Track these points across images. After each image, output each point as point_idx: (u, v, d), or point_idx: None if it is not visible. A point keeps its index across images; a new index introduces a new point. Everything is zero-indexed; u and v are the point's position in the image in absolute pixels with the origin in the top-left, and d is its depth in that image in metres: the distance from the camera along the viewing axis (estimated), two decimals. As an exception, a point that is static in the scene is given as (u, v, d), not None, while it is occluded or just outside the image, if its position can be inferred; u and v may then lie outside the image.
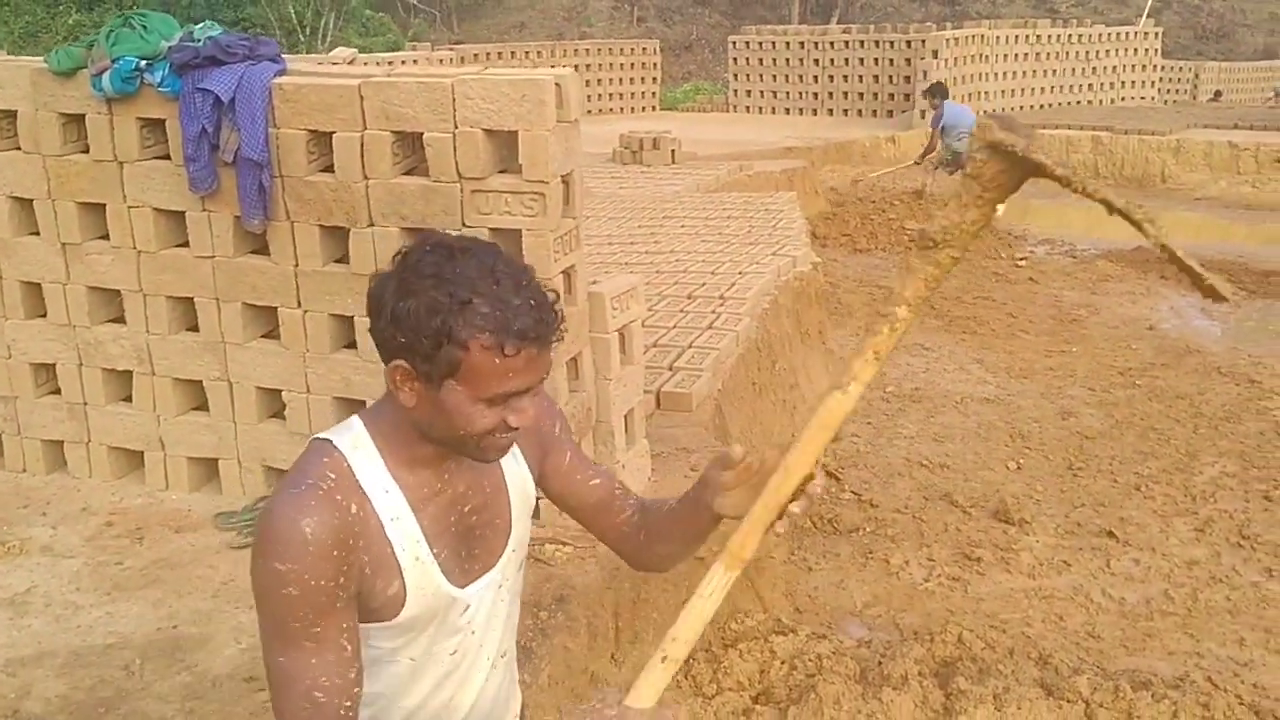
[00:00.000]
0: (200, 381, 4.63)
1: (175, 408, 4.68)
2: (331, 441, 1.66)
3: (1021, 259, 12.48)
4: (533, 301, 1.57)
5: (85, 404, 4.78)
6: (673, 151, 13.26)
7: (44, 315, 4.75)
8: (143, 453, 4.75)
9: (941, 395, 8.39)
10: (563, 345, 4.23)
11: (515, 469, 1.83)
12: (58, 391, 4.84)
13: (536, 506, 1.93)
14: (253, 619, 3.69)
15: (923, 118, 15.56)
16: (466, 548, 1.76)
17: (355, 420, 1.71)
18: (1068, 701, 4.06)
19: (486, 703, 1.87)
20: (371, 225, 4.19)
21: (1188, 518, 6.40)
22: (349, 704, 1.60)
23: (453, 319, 1.54)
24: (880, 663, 4.38)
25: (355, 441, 1.67)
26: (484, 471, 1.77)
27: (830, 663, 4.35)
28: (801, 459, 1.73)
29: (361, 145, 4.13)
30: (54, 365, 4.80)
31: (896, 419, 7.93)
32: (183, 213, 4.44)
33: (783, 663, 4.39)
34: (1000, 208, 1.59)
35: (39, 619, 3.88)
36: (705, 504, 1.80)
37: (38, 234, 4.66)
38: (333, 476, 1.61)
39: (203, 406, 4.70)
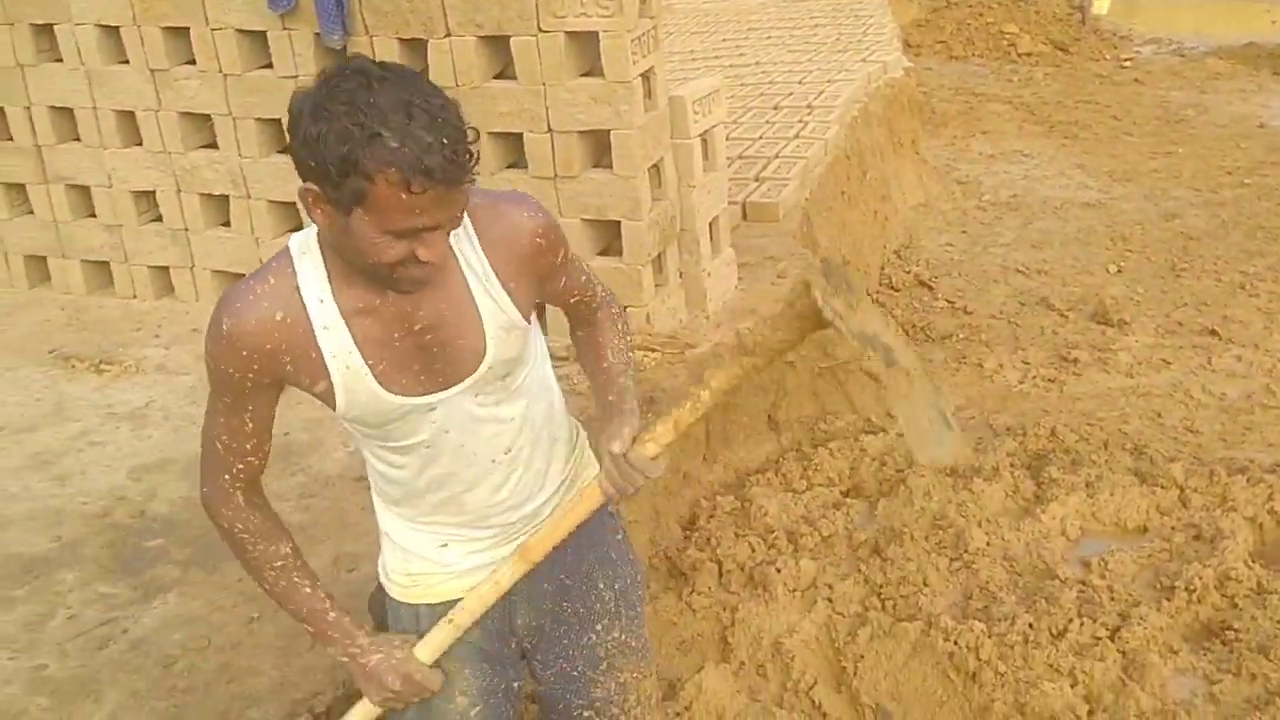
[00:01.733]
0: (294, 203, 4.73)
1: (272, 230, 4.79)
2: (288, 246, 1.77)
3: (1127, 59, 11.93)
4: (444, 139, 1.56)
5: (186, 229, 4.92)
6: (758, -37, 12.77)
7: (139, 144, 4.86)
8: (245, 274, 4.89)
9: (1040, 201, 8.17)
10: (644, 150, 4.22)
11: (488, 294, 1.82)
12: (159, 219, 4.98)
13: (541, 312, 2.02)
14: (357, 425, 3.83)
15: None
16: (422, 362, 1.81)
17: (314, 229, 1.75)
18: (1161, 487, 4.07)
19: (501, 492, 1.99)
20: (449, 35, 4.16)
21: (1294, 314, 6.23)
22: (240, 467, 1.86)
23: (360, 150, 1.53)
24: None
25: (306, 248, 1.75)
26: (439, 291, 1.79)
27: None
28: (589, 501, 2.00)
29: (435, -48, 4.07)
30: (153, 192, 4.93)
31: (992, 227, 7.77)
32: (264, 33, 4.45)
33: (873, 459, 4.45)
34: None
35: (159, 430, 4.09)
36: (597, 430, 2.02)
37: (126, 62, 4.73)
38: (271, 281, 1.73)
39: (299, 227, 4.80)
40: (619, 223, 4.28)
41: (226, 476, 1.87)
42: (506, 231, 1.83)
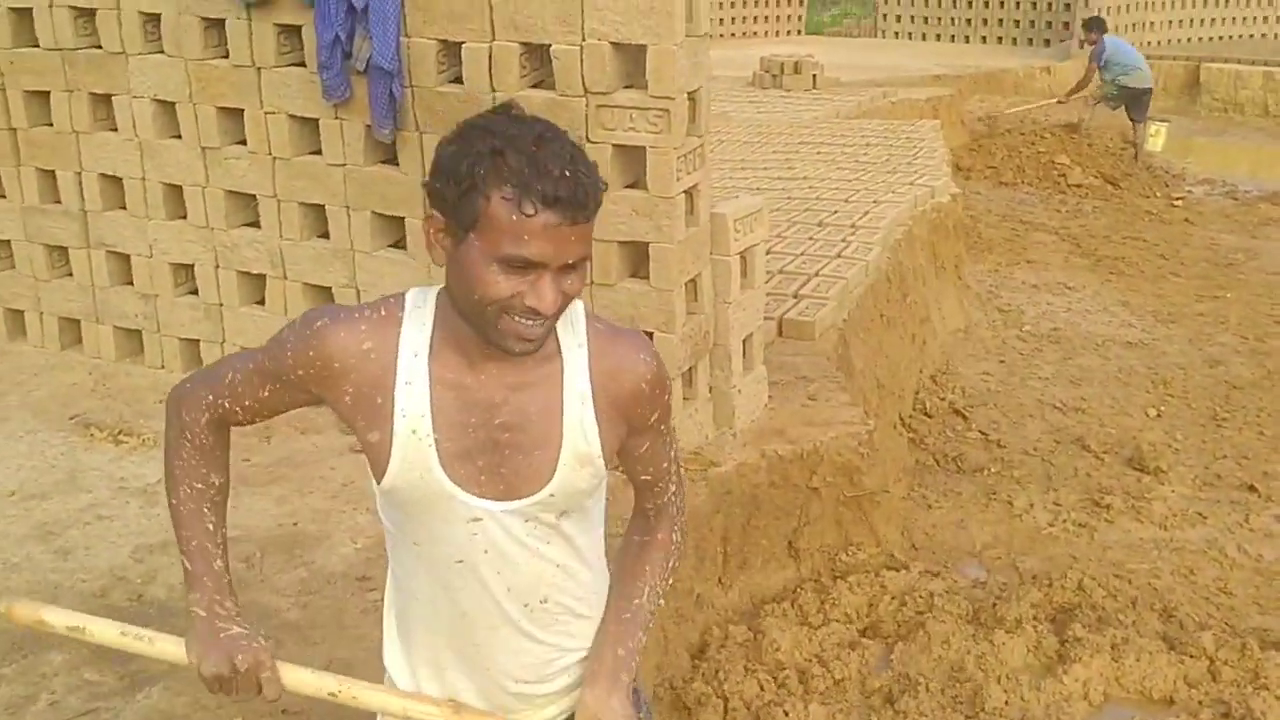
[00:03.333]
0: (330, 288, 4.72)
1: (305, 312, 4.78)
2: (406, 293, 1.73)
3: (1178, 198, 11.87)
4: (568, 172, 1.54)
5: (221, 305, 4.93)
6: (814, 76, 12.94)
7: (184, 217, 4.89)
8: (273, 355, 4.89)
9: (1082, 337, 8.07)
10: (681, 265, 4.19)
11: (579, 417, 1.73)
12: (195, 292, 5.00)
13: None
14: (369, 520, 3.77)
15: (1080, 48, 14.76)
16: (488, 459, 1.71)
17: (439, 288, 1.73)
18: (1190, 656, 3.91)
19: (516, 640, 1.82)
20: (497, 137, 4.18)
21: (1339, 475, 6.05)
22: (228, 405, 1.79)
23: (481, 165, 1.54)
24: (994, 604, 4.28)
25: (422, 302, 1.71)
26: (534, 393, 1.71)
27: (942, 601, 4.27)
28: None
29: (490, 56, 4.10)
30: (192, 266, 4.96)
31: (1032, 359, 7.66)
32: (316, 120, 4.50)
33: (893, 598, 4.32)
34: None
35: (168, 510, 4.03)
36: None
37: (179, 137, 4.78)
38: (380, 314, 1.70)
39: (331, 313, 4.79)
40: (651, 334, 4.23)
41: (211, 397, 1.81)
42: (617, 365, 1.75)
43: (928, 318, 7.39)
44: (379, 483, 1.72)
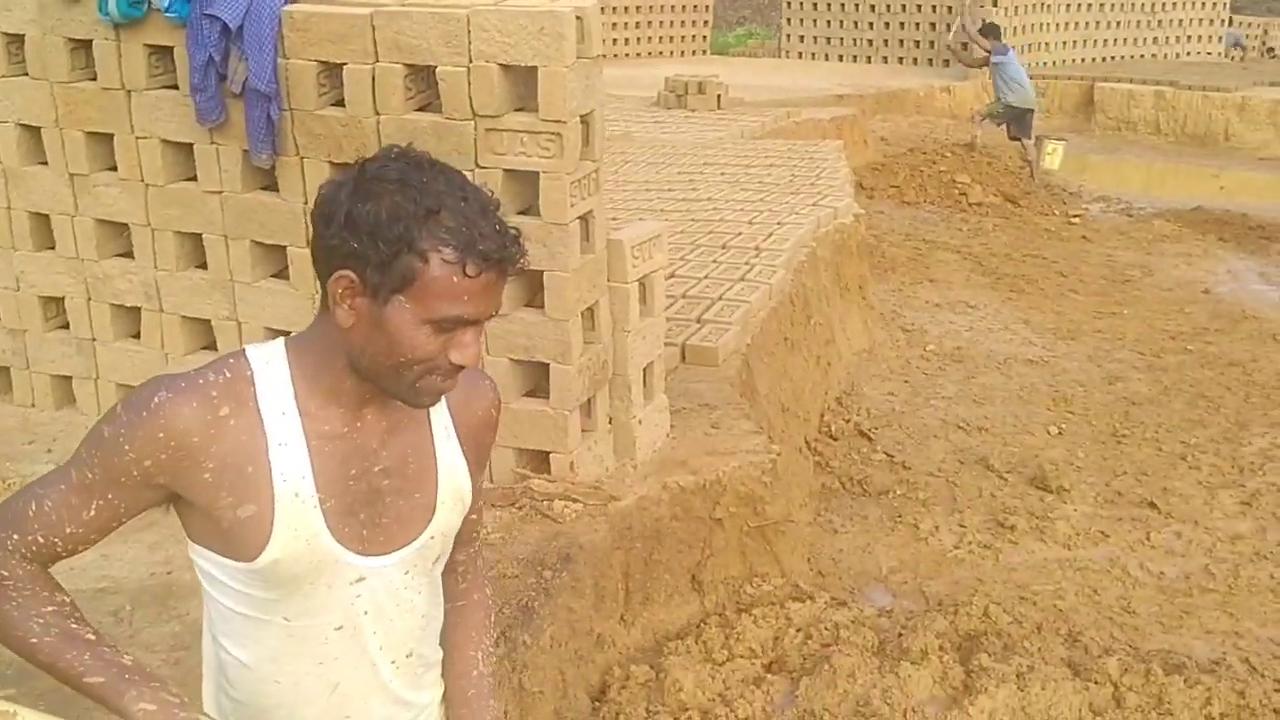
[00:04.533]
0: (209, 320, 4.51)
1: (184, 346, 4.56)
2: (245, 351, 1.58)
3: (1075, 216, 12.09)
4: (498, 227, 1.50)
5: (94, 339, 4.68)
6: (719, 97, 12.93)
7: (52, 247, 4.64)
8: (151, 391, 4.65)
9: (984, 355, 8.11)
10: (578, 294, 4.06)
11: (450, 451, 1.68)
12: (66, 326, 4.74)
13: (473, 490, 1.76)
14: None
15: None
16: (369, 512, 1.61)
17: (279, 341, 1.60)
18: (1095, 683, 3.87)
19: (386, 706, 1.72)
20: (382, 163, 4.02)
21: (1234, 490, 6.13)
22: (42, 540, 1.55)
23: (416, 227, 1.45)
24: (900, 634, 4.21)
25: (269, 357, 1.57)
26: (406, 434, 1.63)
27: (848, 633, 4.19)
28: None
29: (373, 78, 3.95)
30: (62, 299, 4.70)
31: (935, 379, 7.68)
32: (190, 145, 4.29)
33: (798, 630, 4.23)
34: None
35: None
36: None
37: (46, 163, 4.54)
38: (226, 375, 1.55)
39: (211, 346, 4.58)
40: (548, 365, 4.10)
41: (16, 537, 1.54)
42: (467, 394, 1.71)
43: (832, 339, 7.36)
44: (252, 561, 1.54)
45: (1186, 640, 4.72)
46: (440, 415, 1.68)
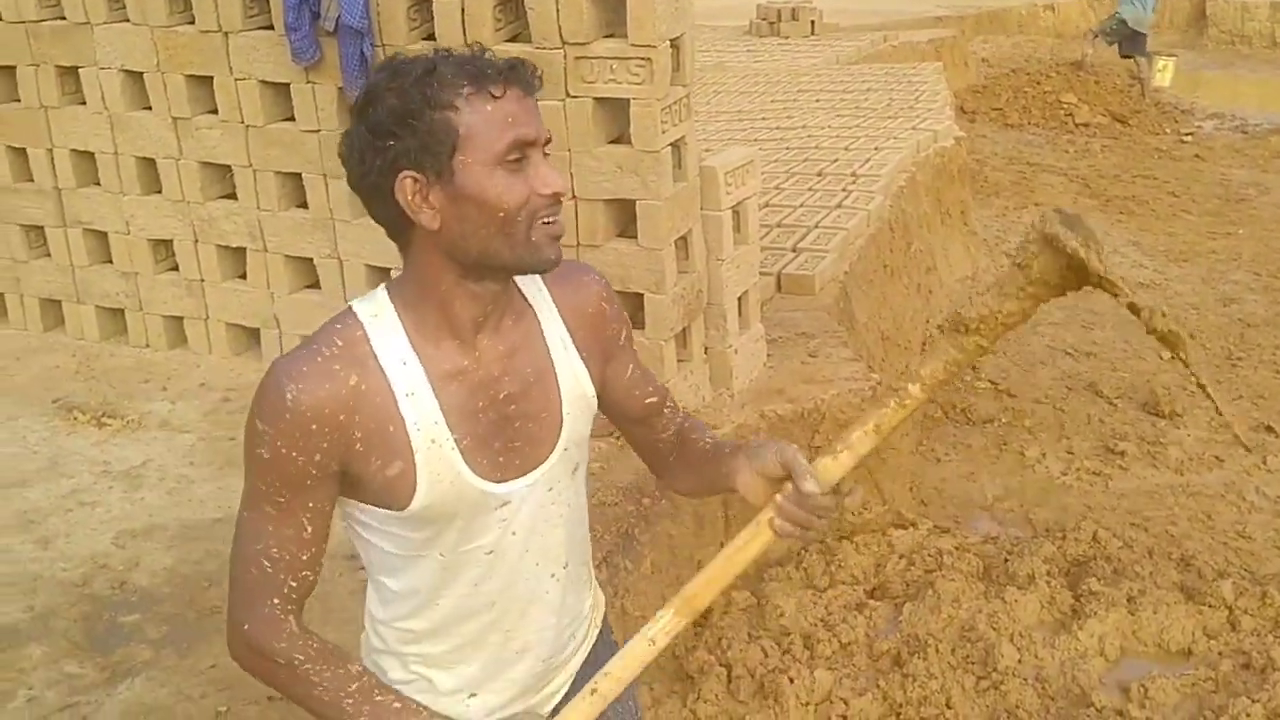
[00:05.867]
0: (311, 259, 4.59)
1: (288, 285, 4.65)
2: (351, 310, 1.54)
3: (1188, 134, 11.62)
4: (489, 53, 1.51)
5: (202, 280, 4.79)
6: (813, 23, 12.64)
7: (159, 191, 4.75)
8: (259, 330, 4.76)
9: (1092, 279, 7.88)
10: (671, 222, 4.03)
11: (568, 361, 1.66)
12: (176, 268, 4.86)
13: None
14: (356, 498, 3.63)
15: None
16: (503, 439, 1.59)
17: (380, 289, 1.57)
18: (1209, 606, 3.78)
19: (545, 614, 1.71)
20: (474, 95, 4.02)
21: (1359, 413, 5.90)
22: (294, 584, 1.54)
23: (427, 88, 1.45)
24: (1006, 560, 4.15)
25: (376, 309, 1.54)
26: (524, 354, 1.61)
27: (952, 559, 4.14)
28: (759, 541, 1.64)
29: (463, 10, 3.93)
30: (171, 241, 4.82)
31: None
32: (288, 85, 4.34)
33: (901, 557, 4.20)
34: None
35: (152, 492, 3.94)
36: (735, 471, 1.70)
37: (149, 109, 4.63)
38: (339, 343, 1.50)
39: (315, 284, 4.66)
40: (642, 295, 4.09)
41: (276, 600, 1.53)
42: (574, 293, 1.70)
43: (933, 266, 7.22)
44: (403, 509, 1.54)
45: (1306, 565, 4.58)
46: (554, 325, 1.66)
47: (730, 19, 13.31)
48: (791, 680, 3.43)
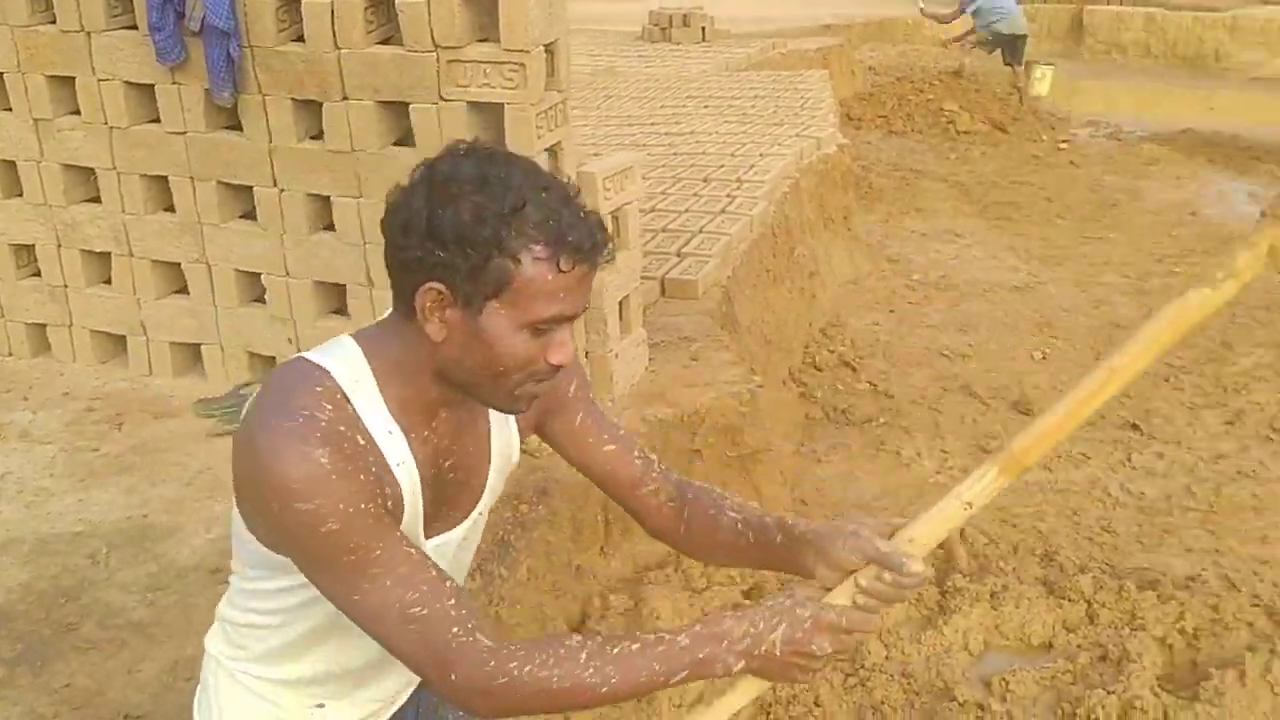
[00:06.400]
0: (179, 264, 4.49)
1: (155, 290, 4.54)
2: (327, 371, 1.46)
3: (1063, 141, 11.98)
4: (583, 214, 1.44)
5: (66, 286, 4.66)
6: (704, 29, 12.75)
7: (20, 194, 4.60)
8: (125, 337, 4.64)
9: (970, 283, 8.08)
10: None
11: (502, 429, 1.67)
12: (38, 274, 4.72)
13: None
14: (225, 509, 3.58)
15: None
16: (438, 500, 1.60)
17: (351, 347, 1.51)
18: (1069, 600, 3.90)
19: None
20: (345, 99, 3.98)
21: (1217, 410, 6.14)
22: (453, 601, 1.42)
23: (504, 227, 1.38)
24: (878, 559, 4.23)
25: (355, 375, 1.48)
26: (467, 426, 1.61)
27: (826, 558, 4.20)
28: (1135, 362, 1.49)
29: (332, 11, 3.89)
30: (32, 246, 4.67)
31: (920, 308, 7.65)
32: (152, 86, 4.24)
33: (777, 558, 4.25)
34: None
35: (9, 506, 3.81)
36: (804, 569, 1.69)
37: (10, 110, 4.49)
38: (329, 408, 1.43)
39: (183, 290, 4.56)
40: (519, 300, 4.08)
41: (455, 630, 1.41)
42: None
43: (816, 270, 7.33)
44: None
45: (1165, 559, 4.74)
46: None
47: (624, 24, 13.36)
48: (665, 683, 3.45)
